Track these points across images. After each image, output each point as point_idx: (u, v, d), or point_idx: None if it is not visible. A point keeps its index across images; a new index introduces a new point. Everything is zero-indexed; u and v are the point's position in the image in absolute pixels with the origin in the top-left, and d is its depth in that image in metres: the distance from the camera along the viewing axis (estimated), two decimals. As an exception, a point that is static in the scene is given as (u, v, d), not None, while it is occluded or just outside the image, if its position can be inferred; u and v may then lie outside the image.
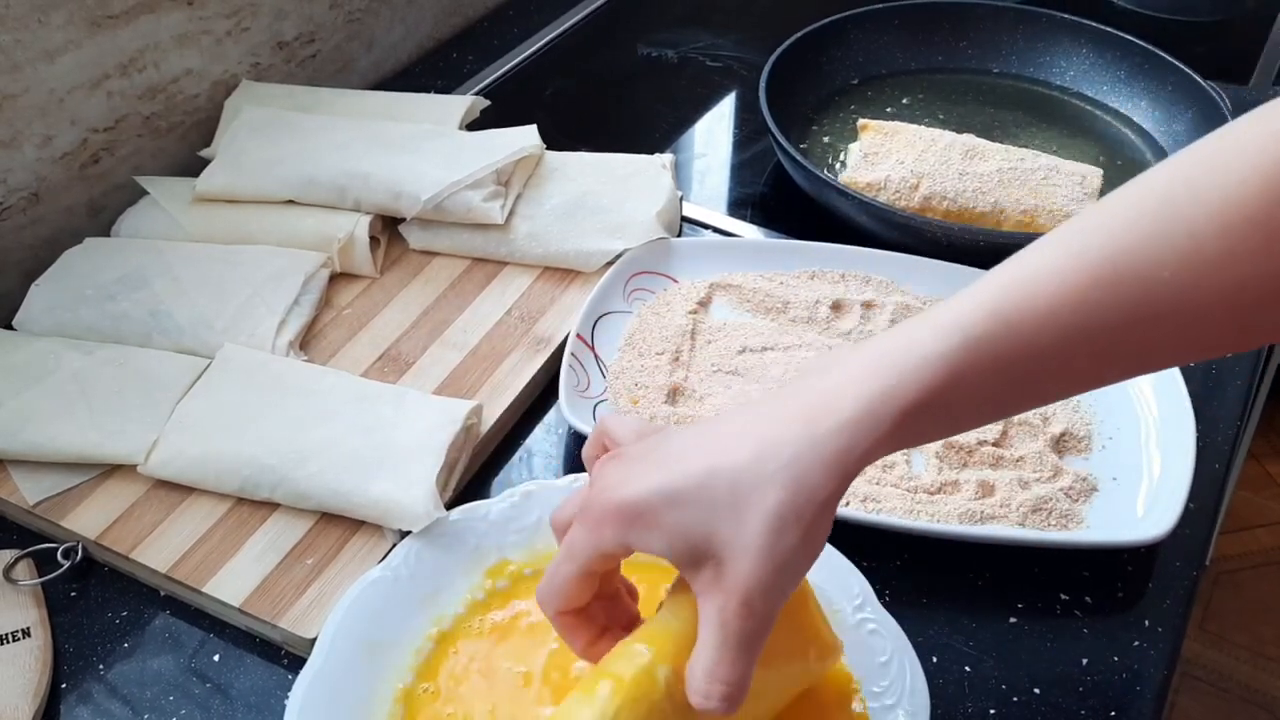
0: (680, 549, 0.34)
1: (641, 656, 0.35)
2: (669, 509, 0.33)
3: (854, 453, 0.33)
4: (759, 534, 0.32)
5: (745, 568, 0.32)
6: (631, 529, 0.34)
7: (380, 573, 0.45)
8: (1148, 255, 0.31)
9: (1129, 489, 0.51)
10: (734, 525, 0.33)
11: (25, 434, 0.51)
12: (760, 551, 0.32)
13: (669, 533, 0.34)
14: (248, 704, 0.44)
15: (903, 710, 0.41)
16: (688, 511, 0.33)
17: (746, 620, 0.33)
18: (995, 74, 0.83)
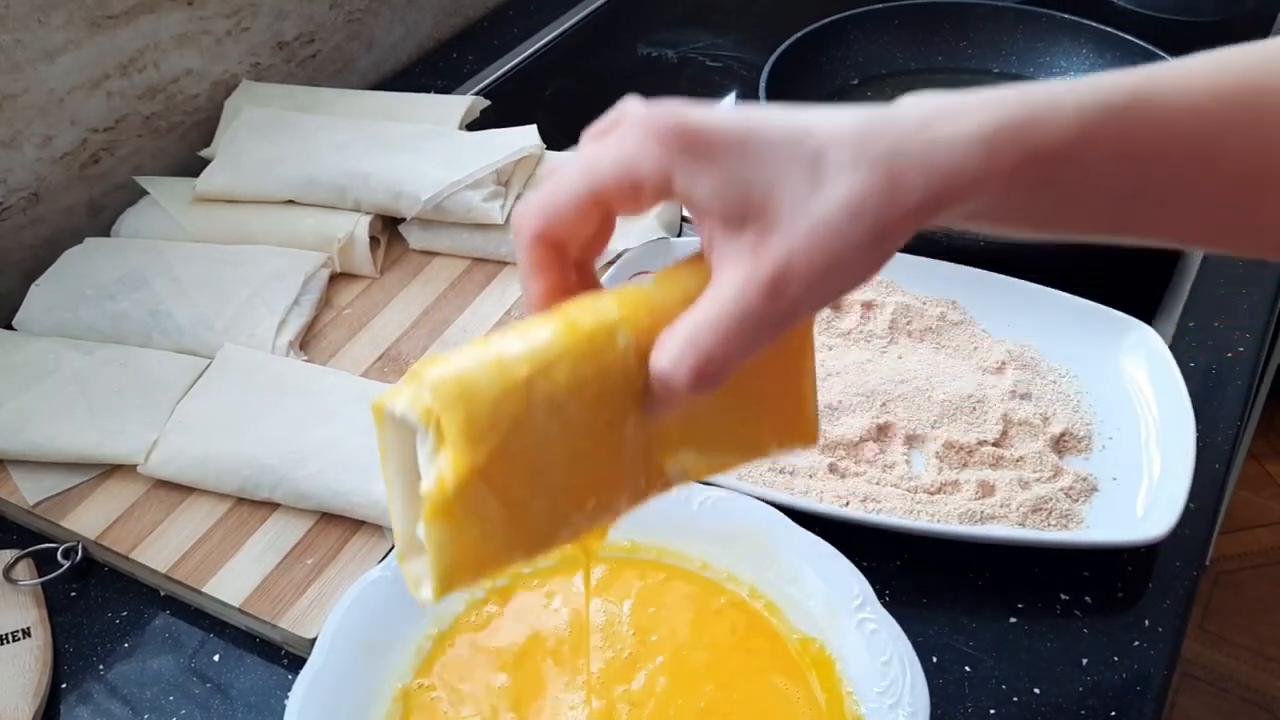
0: (730, 199, 0.28)
1: (608, 313, 0.28)
2: (739, 152, 0.28)
3: (963, 175, 0.28)
4: (830, 210, 0.27)
5: (797, 242, 0.27)
6: (685, 158, 0.28)
7: (380, 573, 0.45)
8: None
9: (1129, 489, 0.51)
10: (806, 192, 0.27)
11: (25, 434, 0.51)
12: (823, 230, 0.27)
13: (728, 175, 0.28)
14: (248, 704, 0.44)
15: (903, 710, 0.41)
16: (758, 164, 0.28)
17: (769, 300, 0.27)
18: (995, 74, 0.83)
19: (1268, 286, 0.65)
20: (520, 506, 0.27)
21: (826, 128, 0.28)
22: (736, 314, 0.27)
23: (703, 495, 0.48)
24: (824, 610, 0.45)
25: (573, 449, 0.28)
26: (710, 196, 0.28)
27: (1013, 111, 0.29)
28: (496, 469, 0.26)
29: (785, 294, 0.27)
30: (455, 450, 0.26)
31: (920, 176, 0.28)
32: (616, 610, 0.46)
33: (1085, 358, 0.57)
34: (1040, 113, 0.29)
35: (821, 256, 0.27)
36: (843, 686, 0.43)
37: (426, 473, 0.26)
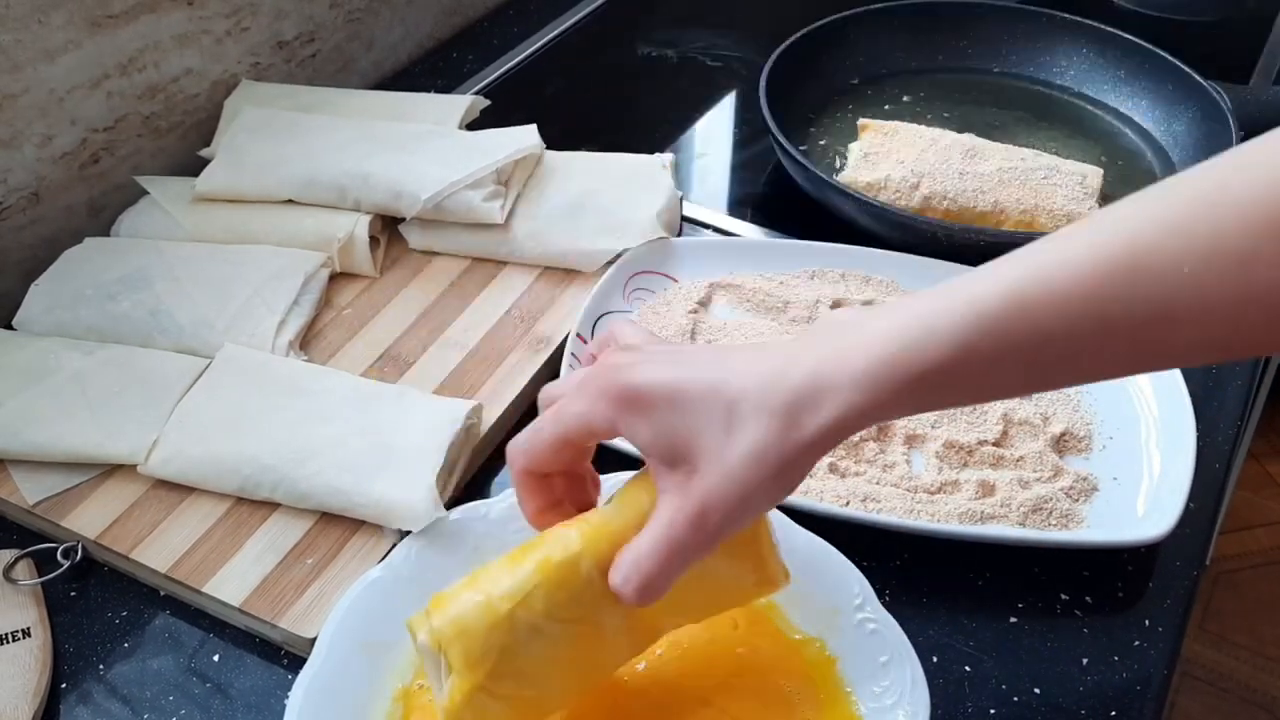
0: (662, 446, 0.35)
1: (572, 545, 0.36)
2: (667, 406, 0.35)
3: (850, 411, 0.34)
4: (738, 458, 0.34)
5: (713, 483, 0.34)
6: (626, 413, 0.35)
7: (380, 572, 0.45)
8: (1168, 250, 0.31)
9: (1129, 489, 0.51)
10: (719, 441, 0.34)
11: (25, 434, 0.51)
12: (733, 474, 0.34)
13: (658, 428, 0.35)
14: (247, 704, 0.45)
15: (902, 709, 0.41)
16: (683, 414, 0.34)
17: (695, 531, 0.34)
18: (996, 73, 0.83)
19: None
20: (519, 700, 0.37)
21: (737, 382, 0.34)
22: (668, 542, 0.34)
23: (703, 495, 0.48)
24: (824, 609, 0.45)
25: (555, 654, 0.37)
26: (648, 442, 0.35)
27: (891, 348, 0.34)
28: (493, 683, 0.36)
29: (706, 526, 0.34)
30: (458, 676, 0.36)
31: (812, 420, 0.34)
32: (616, 610, 0.46)
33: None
34: (917, 343, 0.33)
35: (734, 495, 0.34)
36: (843, 686, 0.43)
37: (440, 689, 0.36)
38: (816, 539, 0.46)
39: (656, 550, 0.34)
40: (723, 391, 0.34)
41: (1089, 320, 0.32)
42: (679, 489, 0.35)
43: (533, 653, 0.36)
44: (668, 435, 0.35)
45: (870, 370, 0.33)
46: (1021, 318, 0.32)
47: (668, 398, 0.35)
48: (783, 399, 0.34)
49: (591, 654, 0.38)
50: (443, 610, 0.36)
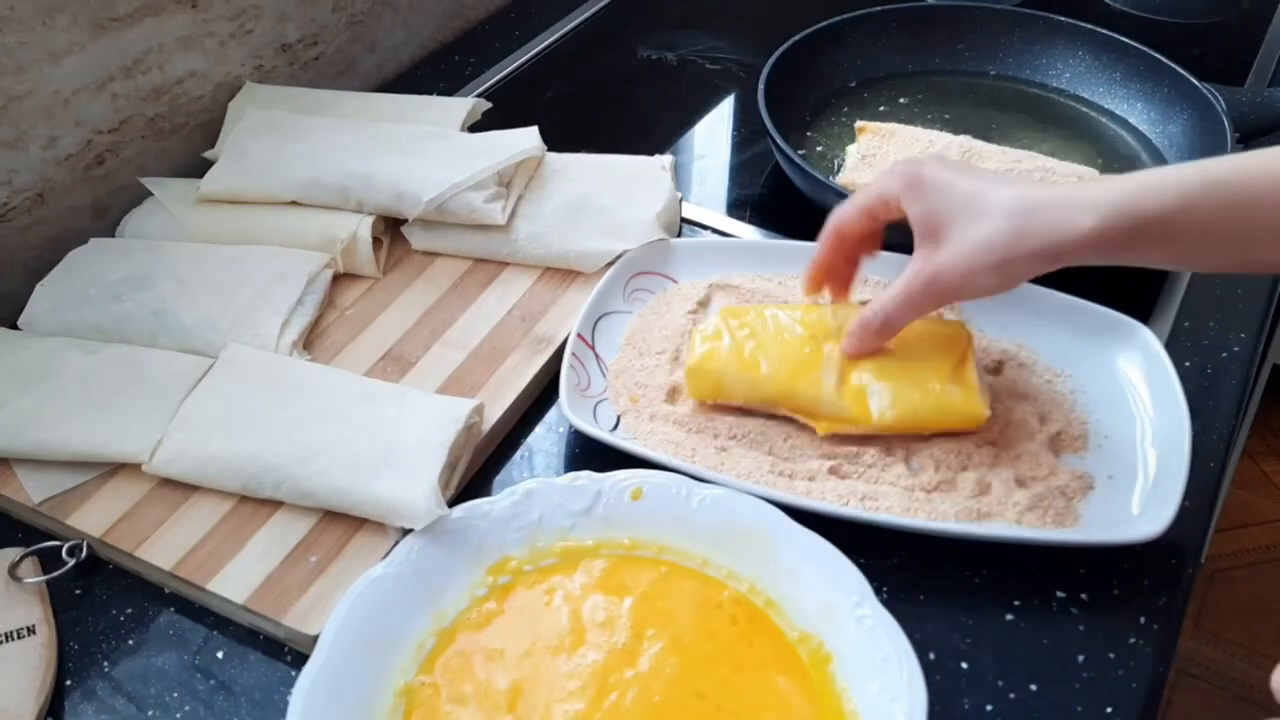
0: (926, 220, 0.47)
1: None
2: (939, 193, 0.47)
3: (1074, 235, 0.43)
4: (973, 242, 0.45)
5: (948, 256, 0.46)
6: (909, 191, 0.48)
7: (383, 570, 0.46)
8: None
9: (1125, 487, 0.51)
10: (965, 226, 0.46)
11: (30, 433, 0.52)
12: (965, 252, 0.46)
13: (928, 206, 0.47)
14: (251, 701, 0.45)
15: (900, 706, 0.41)
16: (948, 201, 0.46)
17: (925, 288, 0.48)
18: (992, 76, 0.83)
19: (1262, 286, 0.65)
20: (741, 349, 0.53)
21: (995, 192, 0.46)
22: (905, 292, 0.48)
23: (702, 493, 0.49)
24: (822, 607, 0.45)
25: (780, 340, 0.54)
26: (917, 216, 0.48)
27: (1124, 191, 0.43)
28: (735, 319, 0.55)
29: (936, 285, 0.48)
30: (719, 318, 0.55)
31: (1040, 231, 0.44)
32: (617, 606, 0.46)
33: (1081, 357, 0.57)
34: (1146, 192, 0.43)
35: (960, 268, 0.46)
36: (840, 683, 0.43)
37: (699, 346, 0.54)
38: (814, 536, 0.46)
39: (896, 295, 0.48)
40: (982, 195, 0.45)
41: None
42: (925, 257, 0.47)
43: (768, 331, 0.54)
44: (932, 213, 0.47)
45: (1099, 205, 0.43)
46: (1242, 185, 0.41)
47: (941, 188, 0.47)
48: (1023, 207, 0.44)
49: (803, 357, 0.53)
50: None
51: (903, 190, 0.48)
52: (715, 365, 0.53)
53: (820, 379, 0.52)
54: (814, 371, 0.52)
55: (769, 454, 0.53)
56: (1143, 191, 0.43)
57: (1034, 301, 0.59)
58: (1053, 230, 0.44)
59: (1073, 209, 0.43)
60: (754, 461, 0.52)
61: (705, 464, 0.51)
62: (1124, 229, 0.43)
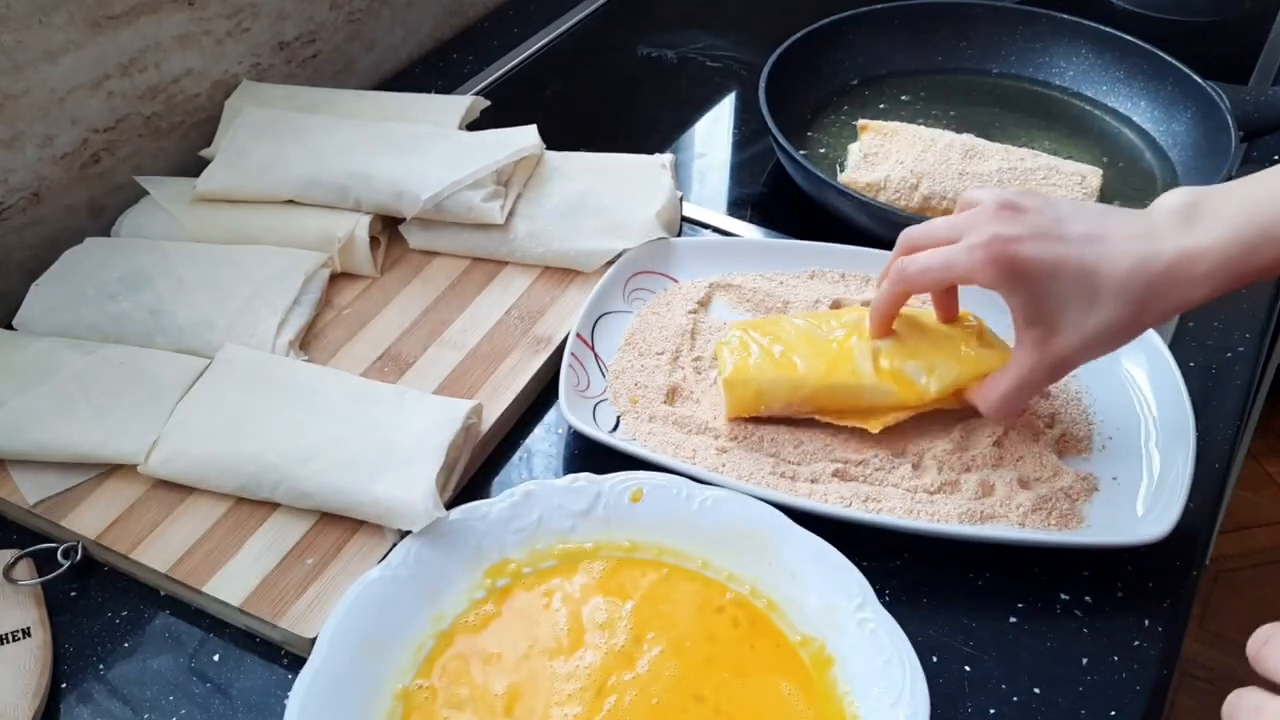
0: (1030, 310, 0.45)
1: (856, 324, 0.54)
2: (1045, 279, 0.44)
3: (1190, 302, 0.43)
4: (1094, 331, 0.44)
5: (1072, 346, 0.45)
6: (1007, 280, 0.44)
7: (380, 572, 0.45)
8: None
9: (1129, 489, 0.51)
10: (1080, 314, 0.44)
11: (26, 433, 0.51)
12: (1087, 342, 0.44)
13: (1033, 296, 0.44)
14: (248, 704, 0.45)
15: (902, 709, 0.41)
16: (1055, 291, 0.44)
17: (1048, 377, 0.46)
18: (995, 74, 0.83)
19: (1267, 287, 0.65)
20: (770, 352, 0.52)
21: (1106, 267, 0.43)
22: (1026, 382, 0.47)
23: (703, 495, 0.48)
24: (824, 609, 0.45)
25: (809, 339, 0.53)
26: (1018, 305, 0.45)
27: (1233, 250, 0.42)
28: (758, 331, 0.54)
29: (1057, 371, 0.46)
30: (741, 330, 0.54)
31: (1159, 308, 0.44)
32: (618, 607, 0.46)
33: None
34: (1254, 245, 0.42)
35: (1085, 354, 0.45)
36: (842, 686, 0.43)
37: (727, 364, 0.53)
38: (816, 539, 0.46)
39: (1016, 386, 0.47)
40: (1090, 278, 0.43)
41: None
42: (1037, 344, 0.45)
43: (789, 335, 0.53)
44: (1038, 304, 0.44)
45: (1214, 273, 0.42)
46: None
47: (1048, 273, 0.44)
48: (1139, 289, 0.43)
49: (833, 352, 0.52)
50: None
51: (998, 282, 0.44)
52: (751, 373, 0.51)
53: (857, 367, 0.51)
54: (849, 363, 0.51)
55: (771, 456, 0.52)
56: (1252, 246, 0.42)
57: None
58: (1170, 306, 0.44)
59: (1188, 285, 0.43)
60: (755, 463, 0.51)
61: (706, 465, 0.51)
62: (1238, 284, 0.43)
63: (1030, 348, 0.46)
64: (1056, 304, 0.44)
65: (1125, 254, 0.43)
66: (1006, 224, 0.45)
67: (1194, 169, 0.71)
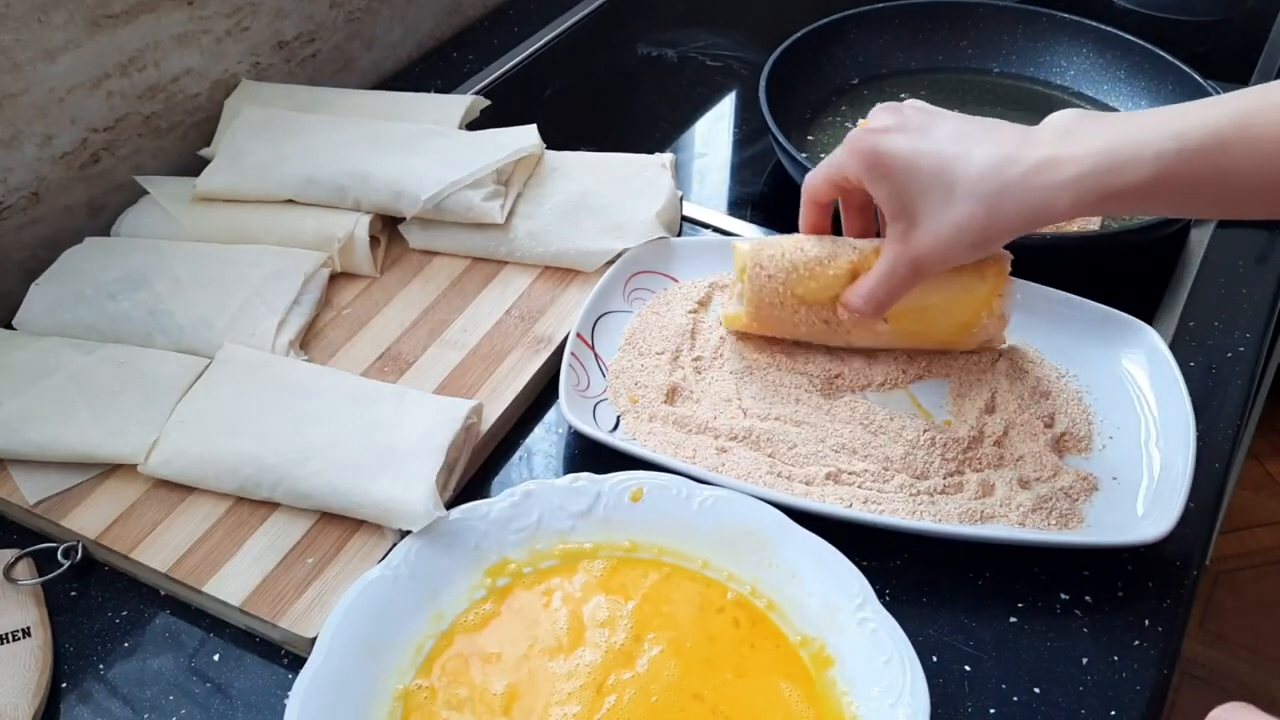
0: (893, 203, 0.46)
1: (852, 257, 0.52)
2: (902, 174, 0.45)
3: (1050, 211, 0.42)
4: (948, 227, 0.44)
5: (927, 241, 0.45)
6: (871, 172, 0.46)
7: (380, 572, 0.45)
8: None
9: (1129, 488, 0.51)
10: (937, 208, 0.44)
11: (25, 433, 0.51)
12: (941, 238, 0.44)
13: (893, 188, 0.45)
14: (248, 703, 0.44)
15: (902, 709, 0.41)
16: (913, 182, 0.44)
17: (909, 273, 0.47)
18: (996, 73, 0.83)
19: (1267, 286, 0.65)
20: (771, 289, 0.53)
21: (961, 166, 0.43)
22: (889, 277, 0.48)
23: (703, 495, 0.48)
24: (824, 609, 0.45)
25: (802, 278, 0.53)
26: (883, 198, 0.46)
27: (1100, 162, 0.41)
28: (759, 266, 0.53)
29: (918, 269, 0.47)
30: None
31: (1015, 210, 0.43)
32: (618, 607, 0.46)
33: (1086, 357, 0.57)
34: (1123, 164, 0.41)
35: (940, 252, 0.46)
36: (842, 685, 0.43)
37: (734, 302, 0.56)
38: (816, 539, 0.46)
39: (880, 282, 0.48)
40: (947, 172, 0.43)
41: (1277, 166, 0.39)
42: (900, 238, 0.46)
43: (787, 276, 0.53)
44: (898, 196, 0.45)
45: (1077, 181, 0.41)
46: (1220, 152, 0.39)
47: (903, 168, 0.44)
48: (995, 187, 0.42)
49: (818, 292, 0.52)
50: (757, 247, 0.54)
51: (862, 171, 0.46)
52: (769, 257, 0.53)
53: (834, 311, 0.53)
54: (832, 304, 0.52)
55: (769, 456, 0.52)
56: (1120, 163, 0.41)
57: (1038, 301, 0.58)
58: (1027, 210, 0.43)
59: (1047, 189, 0.42)
60: (753, 463, 0.51)
61: (705, 465, 0.51)
62: (1100, 201, 0.42)
63: (894, 241, 0.47)
64: (915, 197, 0.45)
65: (986, 153, 0.43)
66: (876, 119, 0.47)
67: (1194, 168, 0.71)
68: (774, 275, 0.52)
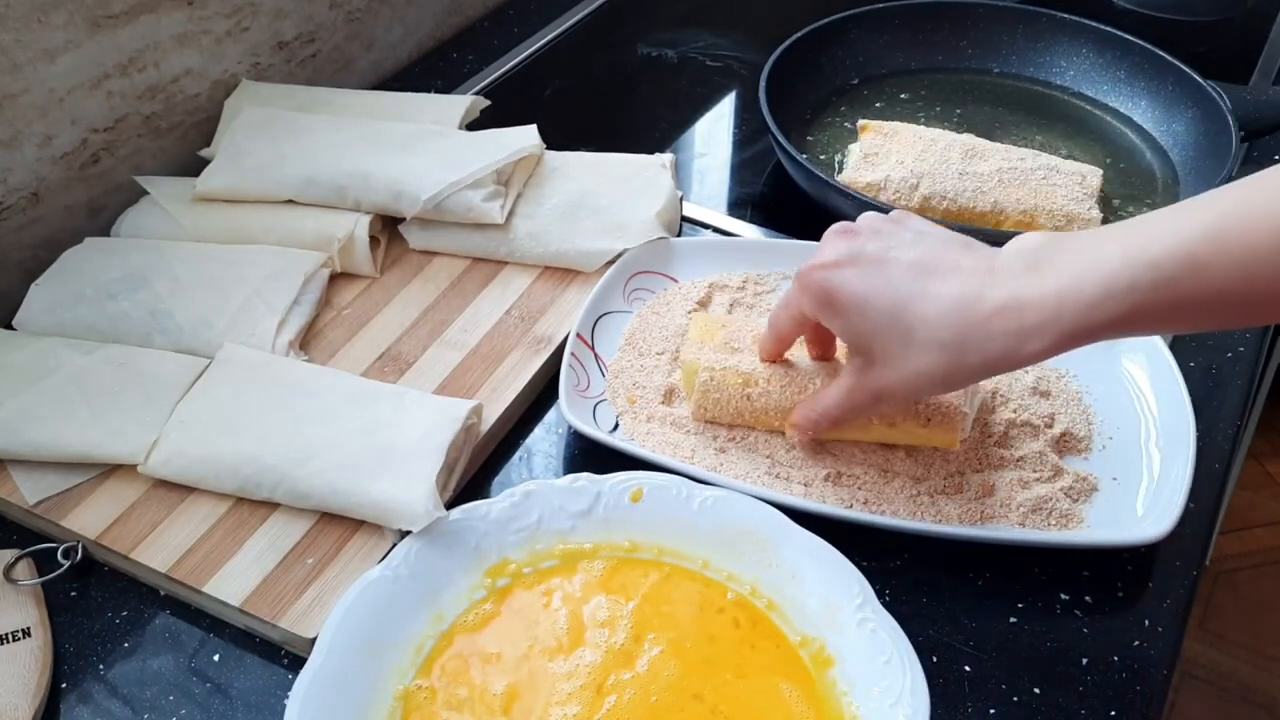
0: (850, 338, 0.44)
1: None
2: (857, 312, 0.43)
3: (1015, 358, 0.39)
4: (912, 372, 0.42)
5: (890, 380, 0.43)
6: (824, 310, 0.44)
7: (380, 572, 0.45)
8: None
9: (1129, 489, 0.51)
10: (895, 351, 0.42)
11: (25, 434, 0.51)
12: (906, 381, 0.42)
13: (849, 326, 0.43)
14: (248, 704, 0.44)
15: (902, 709, 0.41)
16: (867, 322, 0.42)
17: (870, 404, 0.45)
18: (995, 74, 0.83)
19: (1267, 286, 0.65)
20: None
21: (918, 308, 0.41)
22: (851, 403, 0.46)
23: (703, 495, 0.48)
24: (824, 609, 0.45)
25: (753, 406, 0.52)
26: (839, 332, 0.45)
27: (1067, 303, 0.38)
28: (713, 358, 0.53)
29: (878, 404, 0.46)
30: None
31: (978, 358, 0.40)
32: (618, 607, 0.46)
33: (1085, 357, 0.57)
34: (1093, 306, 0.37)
35: (904, 390, 0.43)
36: (842, 686, 0.43)
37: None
38: (816, 539, 0.46)
39: (838, 401, 0.46)
40: (904, 316, 0.41)
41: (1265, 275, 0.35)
42: (861, 370, 0.44)
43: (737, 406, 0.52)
44: (854, 333, 0.43)
45: (1042, 327, 0.38)
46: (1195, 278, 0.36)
47: (856, 308, 0.42)
48: (954, 335, 0.40)
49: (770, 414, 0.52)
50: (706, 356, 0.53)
51: (815, 309, 0.44)
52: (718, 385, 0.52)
53: None
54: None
55: (767, 458, 0.52)
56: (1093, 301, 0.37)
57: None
58: (992, 357, 0.40)
59: (1013, 335, 0.39)
60: (752, 464, 0.51)
61: (704, 465, 0.51)
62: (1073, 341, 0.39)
63: (850, 373, 0.45)
64: (869, 337, 0.43)
65: (945, 294, 0.40)
66: (827, 250, 0.44)
67: (1194, 169, 0.71)
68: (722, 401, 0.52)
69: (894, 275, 0.42)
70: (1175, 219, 0.37)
